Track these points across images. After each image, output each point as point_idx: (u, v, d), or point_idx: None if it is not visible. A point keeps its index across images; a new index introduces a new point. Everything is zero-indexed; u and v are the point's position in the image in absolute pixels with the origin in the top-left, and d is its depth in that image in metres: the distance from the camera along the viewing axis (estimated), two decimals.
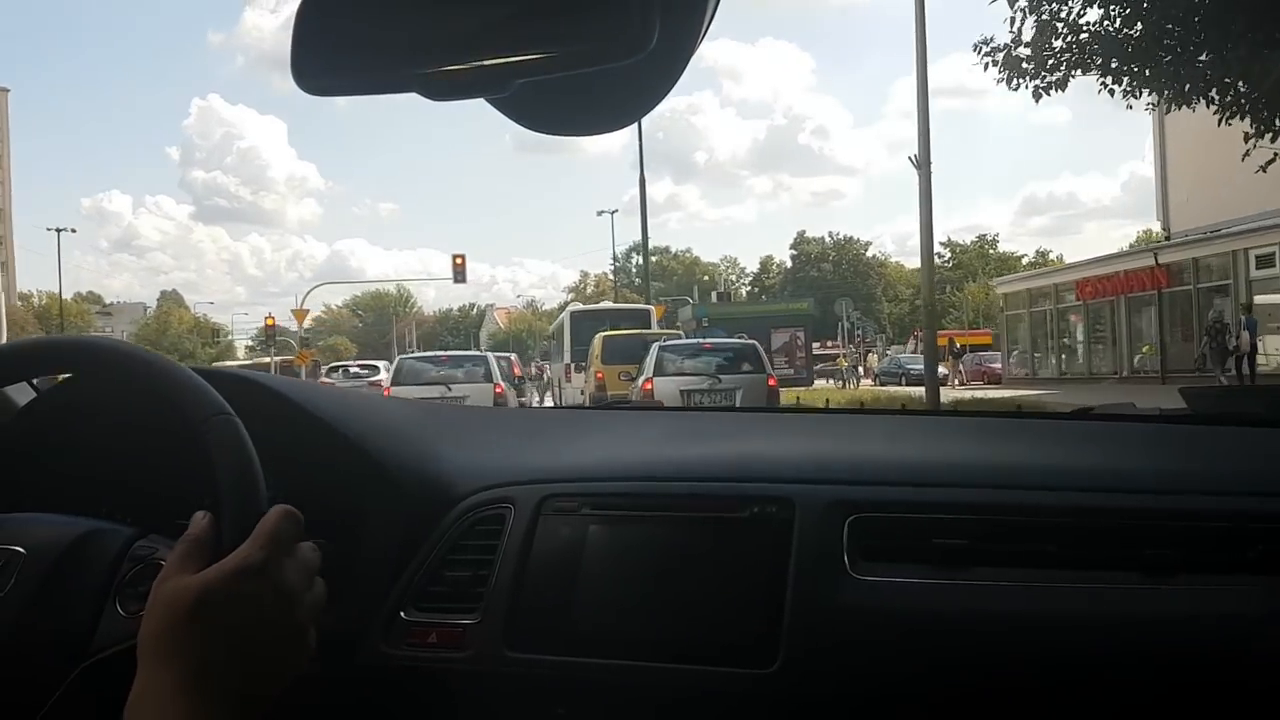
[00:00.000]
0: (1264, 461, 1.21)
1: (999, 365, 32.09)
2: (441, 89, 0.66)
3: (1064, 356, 28.53)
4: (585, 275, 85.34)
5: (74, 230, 54.26)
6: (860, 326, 41.08)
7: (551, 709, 1.12)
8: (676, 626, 1.10)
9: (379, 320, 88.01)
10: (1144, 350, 25.13)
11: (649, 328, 20.99)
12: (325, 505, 1.06)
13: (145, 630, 0.68)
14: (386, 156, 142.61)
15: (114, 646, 0.81)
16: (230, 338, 73.75)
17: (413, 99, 0.68)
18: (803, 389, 26.74)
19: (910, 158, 16.02)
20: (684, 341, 15.28)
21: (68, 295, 79.29)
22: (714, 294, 41.32)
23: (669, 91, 0.73)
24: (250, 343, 31.59)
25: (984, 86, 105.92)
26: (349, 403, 1.31)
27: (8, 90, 72.00)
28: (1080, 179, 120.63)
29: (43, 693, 0.79)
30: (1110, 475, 1.16)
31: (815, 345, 33.35)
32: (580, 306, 27.97)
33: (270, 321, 32.73)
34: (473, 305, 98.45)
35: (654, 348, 13.81)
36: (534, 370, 29.80)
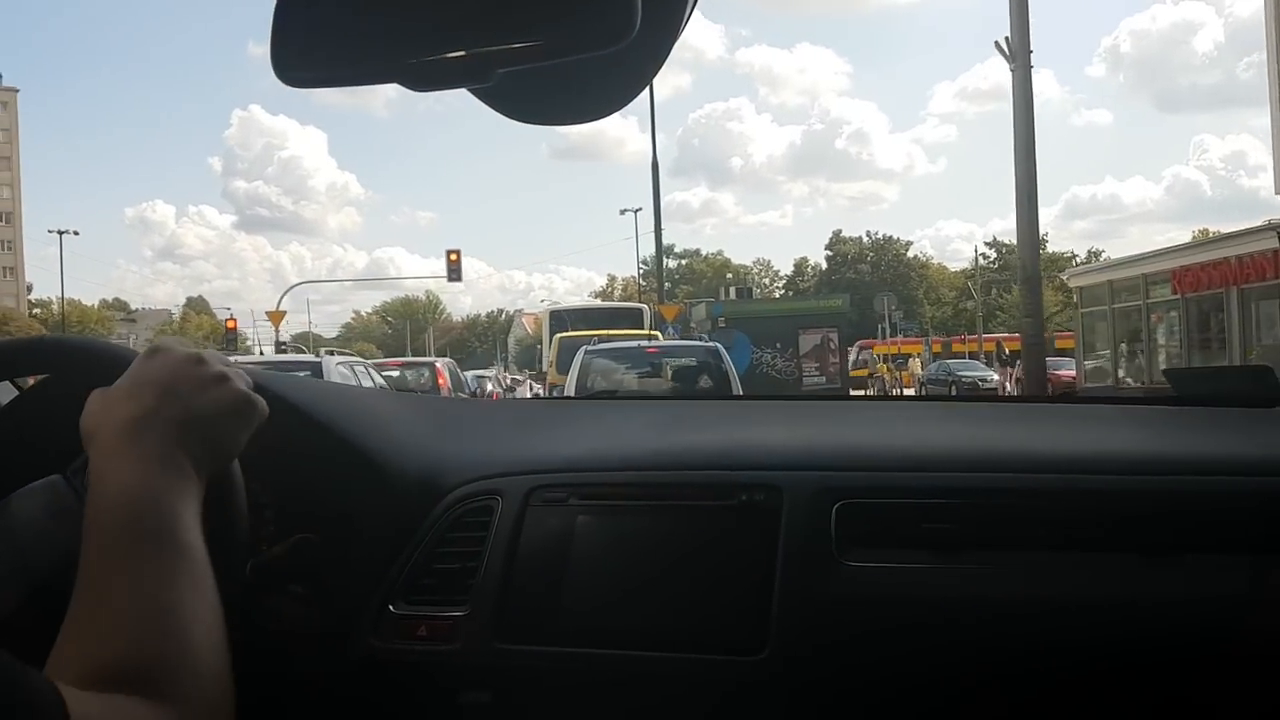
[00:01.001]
0: (1250, 442, 1.26)
1: (1072, 372, 25.95)
2: (423, 79, 0.66)
3: (1155, 360, 22.37)
4: (613, 278, 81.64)
5: (76, 233, 50.72)
6: (903, 329, 34.77)
7: (542, 699, 1.17)
8: (666, 615, 1.15)
9: (409, 326, 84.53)
10: (1249, 354, 19.20)
11: (641, 329, 18.85)
12: (312, 500, 1.11)
13: (88, 446, 0.75)
14: (425, 165, 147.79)
15: None
16: (248, 344, 70.62)
17: (453, 106, 0.77)
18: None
19: (1000, 43, 10.24)
20: (620, 346, 11.64)
21: (93, 302, 76.50)
22: (732, 289, 35.28)
23: (652, 79, 0.72)
24: (282, 347, 27.13)
25: None
26: (334, 396, 1.35)
27: (17, 90, 68.67)
28: (1123, 183, 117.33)
29: None
30: (1097, 458, 1.21)
31: (852, 350, 27.30)
32: (560, 305, 26.47)
33: (231, 324, 30.84)
34: (501, 311, 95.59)
35: (579, 354, 10.48)
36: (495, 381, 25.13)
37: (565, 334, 16.53)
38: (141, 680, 0.60)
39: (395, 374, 14.57)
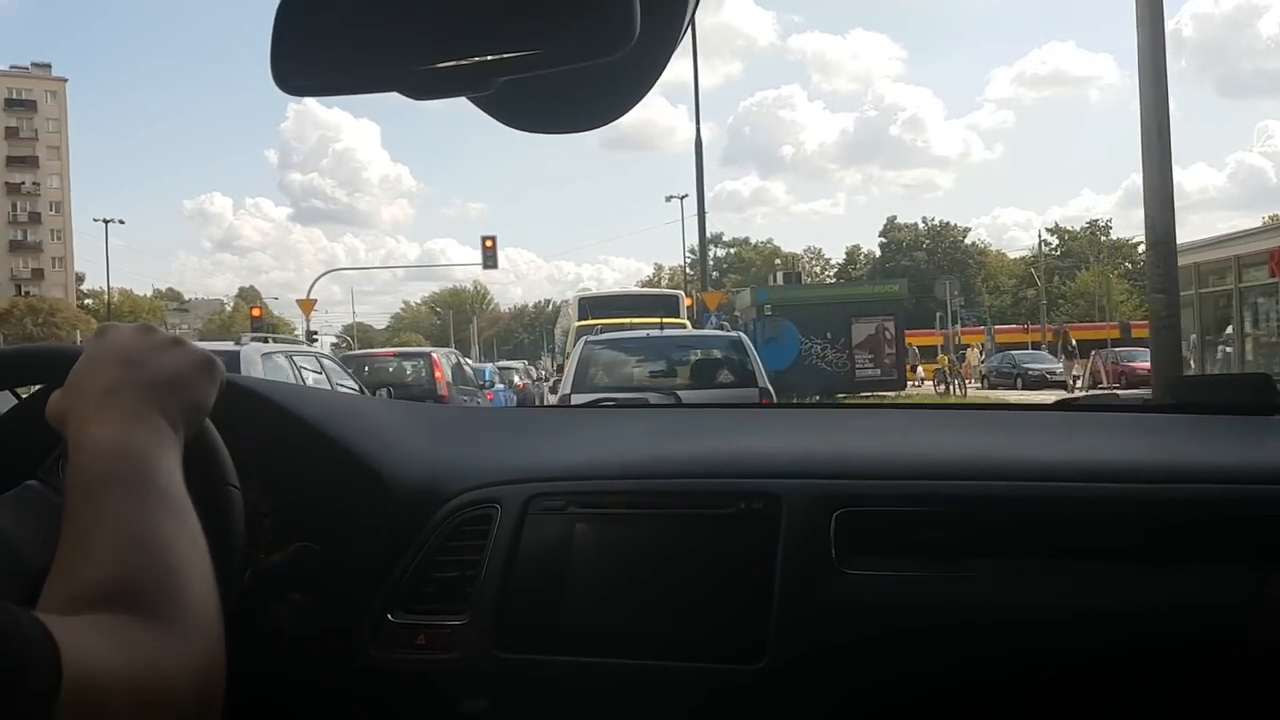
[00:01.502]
0: (1248, 449, 1.26)
1: (1146, 364, 23.62)
2: (423, 88, 0.66)
3: (1245, 350, 20.17)
4: (660, 268, 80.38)
5: (122, 221, 50.31)
6: (963, 317, 32.47)
7: (541, 708, 1.19)
8: (665, 624, 1.17)
9: (458, 317, 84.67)
10: None
11: (677, 317, 17.21)
12: (311, 509, 1.11)
13: (62, 430, 0.78)
14: (476, 157, 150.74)
15: None
16: (295, 333, 71.23)
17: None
18: (892, 394, 21.72)
19: None
20: (625, 336, 9.62)
21: (146, 291, 77.28)
22: (779, 274, 33.23)
23: (652, 86, 0.73)
24: (314, 337, 26.19)
25: (1086, 74, 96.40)
26: (332, 404, 1.38)
27: (65, 80, 69.11)
28: (1185, 170, 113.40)
29: None
30: (1095, 466, 1.21)
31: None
32: (589, 292, 25.21)
33: (257, 312, 30.38)
34: (549, 301, 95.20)
35: (580, 344, 8.75)
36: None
37: (584, 322, 15.49)
38: (126, 598, 0.61)
39: (393, 365, 13.34)
